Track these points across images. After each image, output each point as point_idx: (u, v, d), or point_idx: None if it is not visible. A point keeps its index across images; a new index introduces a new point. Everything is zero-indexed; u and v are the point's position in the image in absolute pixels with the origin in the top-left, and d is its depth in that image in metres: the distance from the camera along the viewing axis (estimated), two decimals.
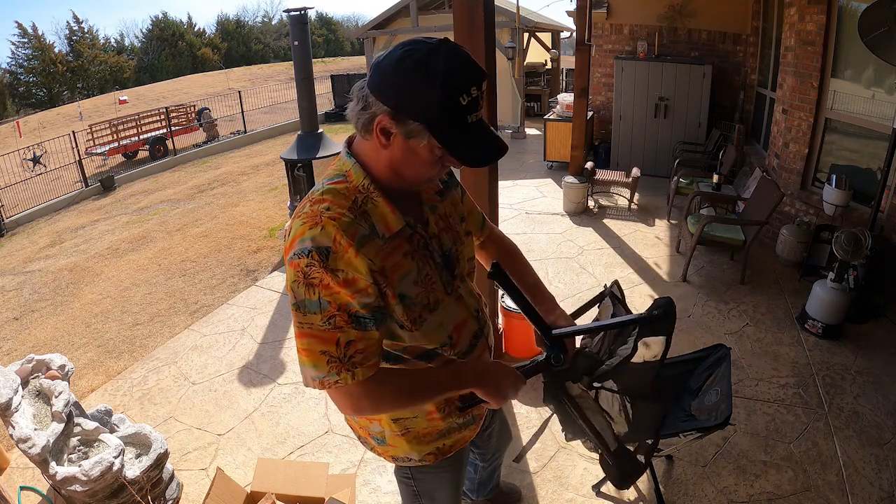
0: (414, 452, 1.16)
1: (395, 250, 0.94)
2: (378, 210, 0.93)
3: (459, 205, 1.15)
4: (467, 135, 0.85)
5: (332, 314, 0.87)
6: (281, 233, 5.71)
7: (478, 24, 2.09)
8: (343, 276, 0.87)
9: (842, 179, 3.41)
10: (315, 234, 0.86)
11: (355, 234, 0.88)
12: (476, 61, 0.86)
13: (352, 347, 0.89)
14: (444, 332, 1.05)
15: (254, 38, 43.62)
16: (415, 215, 1.01)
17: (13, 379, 2.07)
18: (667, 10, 6.36)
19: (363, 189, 0.93)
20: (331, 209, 0.89)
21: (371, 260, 0.89)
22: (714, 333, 3.22)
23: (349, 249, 0.87)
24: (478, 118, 0.86)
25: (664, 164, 6.26)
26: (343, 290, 0.87)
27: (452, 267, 1.07)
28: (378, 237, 0.92)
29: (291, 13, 4.74)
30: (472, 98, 0.83)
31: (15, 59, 32.48)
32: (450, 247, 1.06)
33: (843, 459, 2.25)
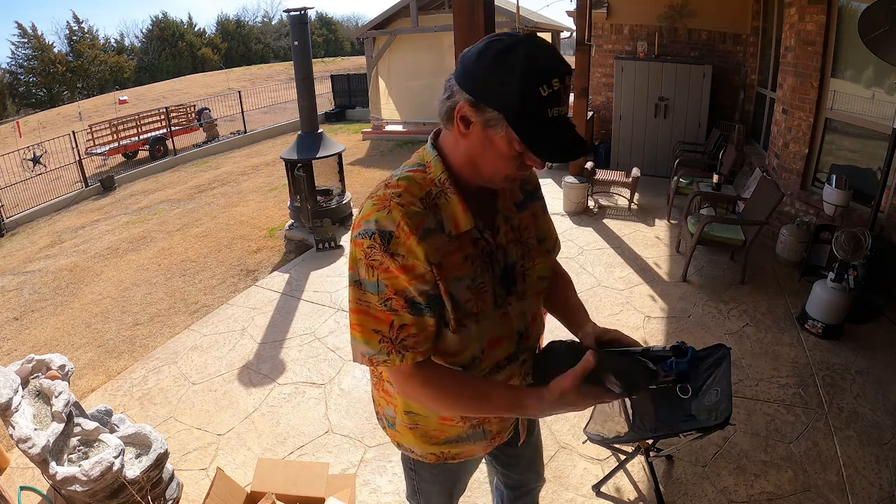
0: (416, 447, 1.16)
1: (458, 250, 0.93)
2: (450, 207, 0.92)
3: (539, 221, 1.09)
4: (545, 127, 0.82)
5: (389, 297, 0.89)
6: (281, 233, 5.71)
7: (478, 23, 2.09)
8: (402, 261, 0.87)
9: (842, 179, 3.41)
10: (380, 218, 0.88)
11: (420, 225, 0.88)
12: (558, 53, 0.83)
13: (404, 331, 0.91)
14: (478, 346, 1.00)
15: (254, 38, 43.63)
16: (486, 220, 0.98)
17: (13, 379, 2.07)
18: (667, 10, 6.36)
19: (439, 182, 0.93)
20: (402, 196, 0.90)
21: (430, 252, 0.89)
22: (714, 333, 3.22)
23: (411, 237, 0.87)
24: (560, 114, 0.82)
25: (664, 164, 6.26)
26: (402, 275, 0.88)
27: (511, 282, 1.01)
28: (444, 233, 0.91)
29: (291, 13, 4.74)
30: (554, 91, 0.80)
31: (15, 59, 32.50)
32: (515, 261, 1.02)
33: (843, 459, 2.25)
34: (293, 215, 5.24)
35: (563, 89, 0.81)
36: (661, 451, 2.11)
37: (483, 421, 1.11)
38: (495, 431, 1.15)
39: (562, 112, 0.82)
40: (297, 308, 3.85)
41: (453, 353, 0.99)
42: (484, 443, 1.16)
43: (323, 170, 5.26)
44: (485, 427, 1.12)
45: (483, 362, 1.01)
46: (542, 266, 1.07)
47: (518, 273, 1.02)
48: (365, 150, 10.36)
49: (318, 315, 3.72)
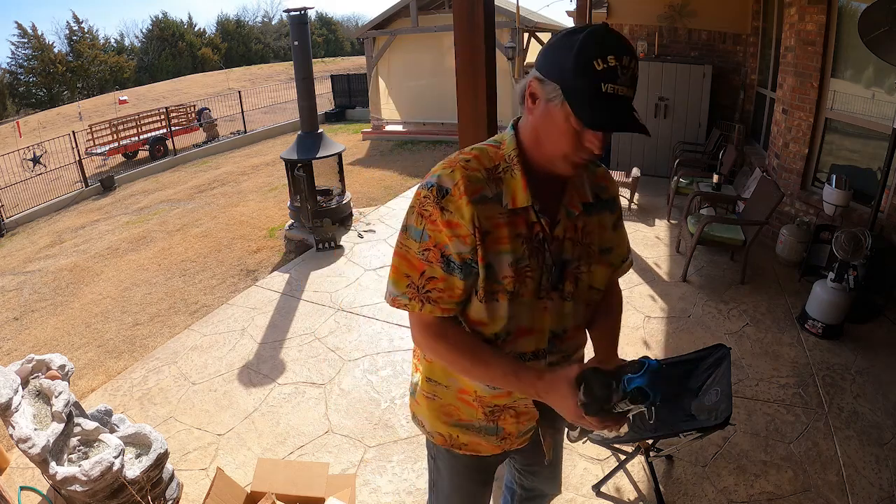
0: (428, 421, 1.18)
1: (510, 225, 0.95)
2: (513, 182, 0.95)
3: (608, 232, 1.08)
4: (596, 100, 0.83)
5: (428, 247, 0.94)
6: (281, 233, 5.71)
7: (478, 23, 2.09)
8: (449, 216, 0.92)
9: (842, 179, 3.41)
10: (443, 174, 0.94)
11: (477, 190, 0.93)
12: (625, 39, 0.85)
13: (432, 283, 0.95)
14: (504, 326, 1.00)
15: (254, 38, 43.64)
16: (548, 209, 0.99)
17: (13, 379, 2.07)
18: (667, 10, 6.36)
19: (508, 159, 0.97)
20: (469, 162, 0.95)
21: (480, 218, 0.92)
22: (714, 333, 3.22)
23: (463, 197, 0.91)
24: (617, 92, 0.83)
25: (664, 164, 6.26)
26: (445, 229, 0.92)
27: (560, 278, 1.00)
28: (500, 204, 0.94)
29: (291, 13, 4.75)
30: (609, 66, 0.81)
31: (15, 59, 32.52)
32: (570, 259, 1.01)
33: (843, 459, 2.25)
34: (293, 215, 5.24)
35: (622, 69, 0.82)
36: (661, 451, 2.11)
37: (498, 417, 1.10)
38: (508, 432, 1.13)
39: (619, 91, 0.83)
40: (297, 308, 3.85)
41: (476, 322, 1.00)
42: (494, 440, 1.14)
43: (323, 170, 5.26)
44: (498, 423, 1.11)
45: (506, 345, 1.02)
46: (598, 276, 1.06)
47: (569, 272, 1.01)
48: (365, 150, 10.36)
49: (318, 315, 3.72)
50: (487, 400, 1.08)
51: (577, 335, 1.09)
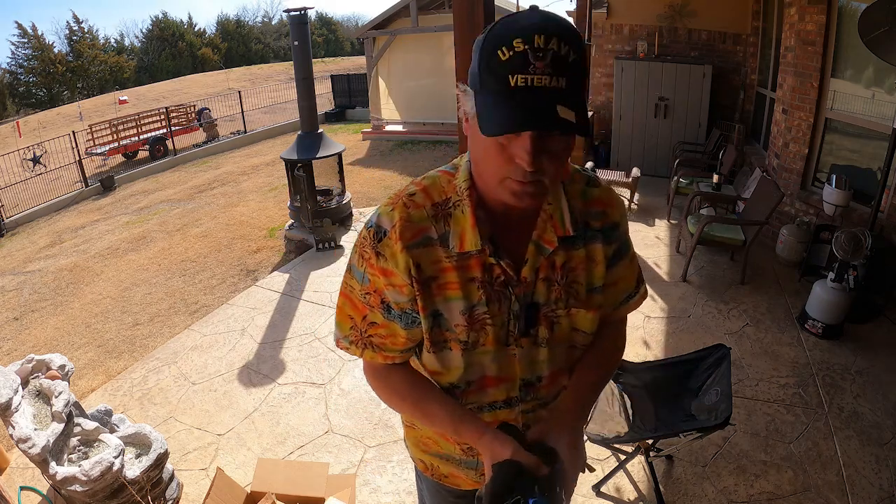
0: (411, 447, 1.14)
1: (460, 269, 0.82)
2: (462, 220, 0.82)
3: (599, 267, 0.88)
4: (502, 97, 0.66)
5: (369, 291, 0.86)
6: (281, 233, 5.71)
7: (478, 23, 2.10)
8: (384, 263, 0.83)
9: (842, 179, 3.41)
10: (383, 213, 0.84)
11: (418, 233, 0.82)
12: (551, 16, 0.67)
13: (373, 329, 0.88)
14: (462, 376, 0.89)
15: (254, 38, 43.62)
16: (511, 247, 0.83)
17: (13, 379, 2.07)
18: (667, 10, 6.36)
19: (459, 192, 0.83)
20: (415, 197, 0.84)
21: (419, 265, 0.82)
22: (714, 333, 3.22)
23: (398, 243, 0.81)
24: (531, 81, 0.64)
25: (664, 164, 6.26)
26: (381, 276, 0.84)
27: (532, 324, 0.86)
28: (446, 247, 0.82)
29: (291, 13, 4.75)
30: (516, 52, 0.64)
31: (15, 59, 32.49)
32: (542, 303, 0.85)
33: (843, 459, 2.25)
34: (293, 215, 5.24)
35: (534, 52, 0.64)
36: (661, 451, 2.11)
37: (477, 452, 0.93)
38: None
39: (533, 81, 0.64)
40: (297, 308, 3.85)
41: (431, 372, 0.92)
42: (474, 475, 1.04)
43: (323, 170, 5.26)
44: (478, 458, 0.98)
45: (468, 396, 0.91)
46: (582, 319, 0.89)
47: (542, 317, 0.86)
48: (365, 150, 10.36)
49: (318, 315, 3.72)
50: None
51: (558, 380, 0.93)
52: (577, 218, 0.86)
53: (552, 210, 0.84)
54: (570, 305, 0.87)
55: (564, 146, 0.72)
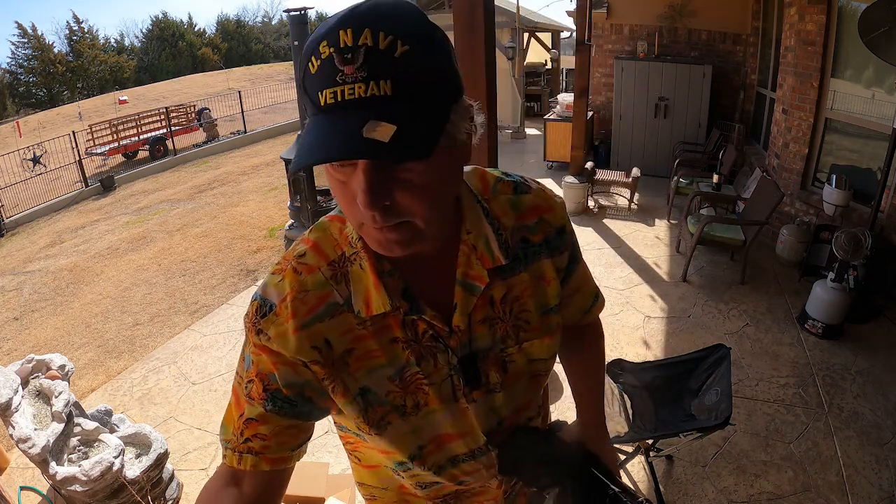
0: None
1: (377, 334, 0.67)
2: (363, 277, 0.65)
3: (551, 287, 0.76)
4: (315, 120, 0.52)
5: (251, 378, 0.67)
6: (281, 233, 5.71)
7: (478, 23, 2.09)
8: (267, 342, 0.65)
9: (842, 179, 3.41)
10: (269, 282, 0.67)
11: (318, 304, 0.65)
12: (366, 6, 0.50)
13: (251, 428, 0.66)
14: (414, 443, 0.73)
15: (254, 38, 43.64)
16: (433, 294, 0.68)
17: (13, 379, 2.07)
18: (667, 10, 6.36)
19: (353, 243, 0.66)
20: (305, 257, 0.67)
21: (327, 340, 0.65)
22: (714, 333, 3.22)
23: (290, 321, 0.64)
24: (341, 95, 0.49)
25: (664, 164, 6.26)
26: (265, 355, 0.66)
27: (476, 375, 0.72)
28: (353, 312, 0.66)
29: (291, 13, 4.75)
30: (324, 60, 0.49)
31: (15, 59, 32.49)
32: (487, 346, 0.71)
33: (843, 459, 2.25)
34: (293, 215, 5.24)
35: (341, 53, 0.48)
36: (661, 451, 2.11)
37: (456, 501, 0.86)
38: None
39: (344, 94, 0.49)
40: None
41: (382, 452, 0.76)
42: None
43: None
44: None
45: (426, 459, 0.75)
46: (538, 348, 0.75)
47: (490, 362, 0.72)
48: None
49: None
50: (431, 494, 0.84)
51: (520, 416, 0.81)
52: (510, 238, 0.71)
53: (473, 239, 0.68)
54: (523, 340, 0.74)
55: (422, 172, 0.53)
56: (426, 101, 0.51)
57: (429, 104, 0.52)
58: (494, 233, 0.70)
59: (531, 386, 0.78)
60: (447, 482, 0.79)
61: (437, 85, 0.53)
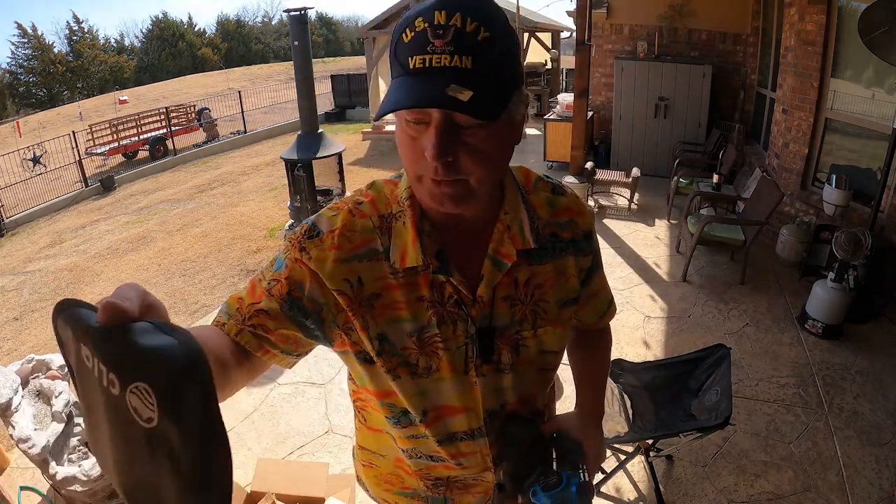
0: (371, 487, 1.02)
1: (405, 287, 0.73)
2: (403, 233, 0.73)
3: (571, 282, 0.82)
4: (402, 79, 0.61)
5: (278, 279, 0.73)
6: (281, 233, 5.71)
7: None
8: (308, 260, 0.72)
9: (842, 179, 3.41)
10: (324, 215, 0.75)
11: (361, 245, 0.73)
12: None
13: (260, 318, 0.71)
14: (419, 405, 0.79)
15: (254, 38, 43.69)
16: (464, 263, 0.75)
17: (13, 379, 2.08)
18: (667, 10, 6.36)
19: (400, 202, 0.74)
20: (361, 206, 0.75)
21: (360, 280, 0.72)
22: (714, 333, 3.22)
23: (332, 251, 0.71)
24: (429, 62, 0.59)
25: (664, 164, 6.26)
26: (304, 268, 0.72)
27: (490, 349, 0.78)
28: (388, 262, 0.73)
29: (291, 13, 4.75)
30: (418, 33, 0.59)
31: (15, 59, 32.54)
32: (504, 324, 0.77)
33: (843, 459, 2.25)
34: (293, 215, 5.24)
35: (434, 29, 0.58)
36: (661, 451, 2.11)
37: (445, 489, 0.92)
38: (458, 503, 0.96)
39: (431, 61, 0.59)
40: None
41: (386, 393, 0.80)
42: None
43: (323, 170, 5.26)
44: (446, 495, 0.93)
45: (428, 427, 0.80)
46: (550, 337, 0.81)
47: (505, 341, 0.78)
48: (365, 150, 10.36)
49: None
50: (424, 472, 0.89)
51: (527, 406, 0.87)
52: (541, 229, 0.78)
53: (509, 220, 0.76)
54: (538, 325, 0.79)
55: (486, 140, 0.63)
56: (496, 80, 0.62)
57: (498, 83, 0.62)
58: (529, 219, 0.77)
59: (539, 379, 0.85)
60: (445, 454, 0.83)
61: (506, 70, 0.63)
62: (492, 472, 0.89)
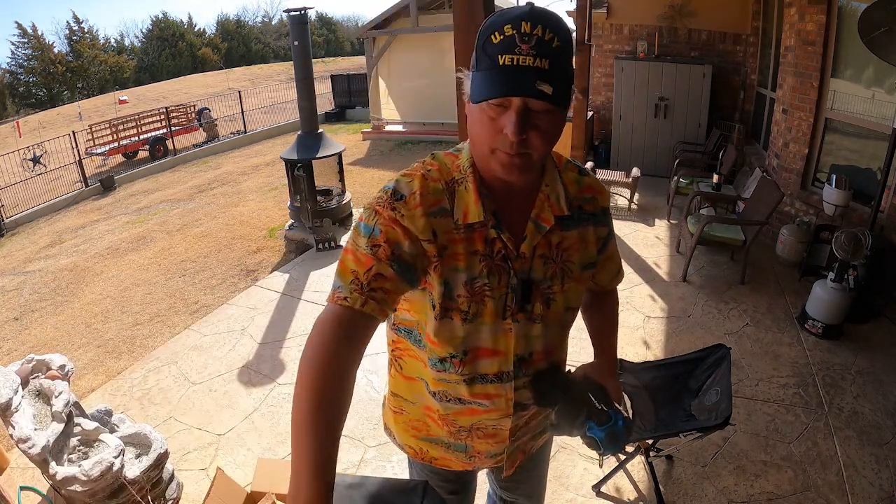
0: (398, 434, 1.15)
1: (465, 241, 0.88)
2: (466, 195, 0.88)
3: (591, 248, 0.98)
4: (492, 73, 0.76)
5: (379, 243, 0.84)
6: (281, 233, 5.71)
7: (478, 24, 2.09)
8: (400, 217, 0.85)
9: (842, 179, 3.41)
10: (401, 180, 0.89)
11: (436, 203, 0.87)
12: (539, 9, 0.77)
13: (379, 281, 0.82)
14: (460, 346, 0.93)
15: (254, 38, 43.65)
16: (511, 223, 0.90)
17: (13, 379, 2.07)
18: (667, 10, 6.36)
19: (463, 170, 0.90)
20: (430, 172, 0.90)
21: (436, 233, 0.86)
22: (714, 333, 3.22)
23: (419, 208, 0.85)
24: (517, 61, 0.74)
25: (664, 164, 6.26)
26: (398, 228, 0.85)
27: (527, 299, 0.92)
28: (453, 219, 0.88)
29: (291, 13, 4.75)
30: (506, 36, 0.74)
31: (15, 59, 32.51)
32: (539, 279, 0.92)
33: (843, 459, 2.25)
34: (293, 215, 5.24)
35: (521, 36, 0.74)
36: (661, 451, 2.11)
37: (465, 436, 1.06)
38: (477, 451, 1.09)
39: (518, 60, 0.74)
40: (297, 308, 3.85)
41: (431, 340, 0.93)
42: (463, 457, 1.10)
43: (323, 170, 5.26)
44: (467, 442, 1.07)
45: (464, 366, 0.94)
46: (575, 295, 0.98)
47: (538, 293, 0.93)
48: (365, 150, 10.36)
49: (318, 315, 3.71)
50: (450, 418, 1.03)
51: (548, 357, 1.01)
52: (572, 201, 0.95)
53: (549, 191, 0.92)
54: (565, 282, 0.95)
55: (550, 124, 0.79)
56: (565, 78, 0.78)
57: (566, 80, 0.78)
58: (564, 191, 0.94)
59: (560, 335, 1.01)
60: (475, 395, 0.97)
61: (570, 70, 0.80)
62: (510, 419, 1.02)
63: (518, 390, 0.98)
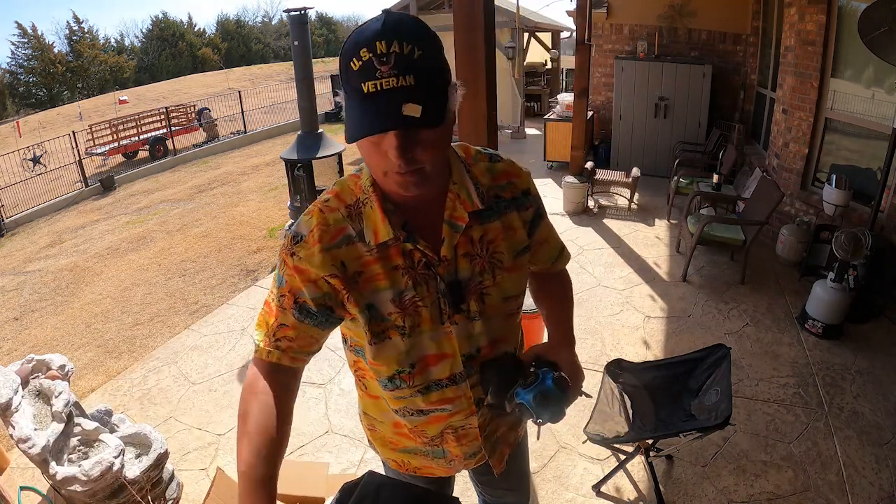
0: (379, 449, 1.16)
1: (381, 260, 0.87)
2: (372, 215, 0.87)
3: (519, 234, 0.96)
4: (360, 103, 0.73)
5: (284, 293, 0.88)
6: (281, 233, 5.71)
7: (478, 23, 2.09)
8: (298, 262, 0.86)
9: (842, 179, 3.41)
10: (303, 220, 0.89)
11: (337, 234, 0.87)
12: (393, 21, 0.73)
13: (282, 331, 0.88)
14: (406, 360, 0.92)
15: (254, 38, 43.63)
16: (426, 230, 0.89)
17: (13, 379, 2.07)
18: (667, 9, 6.36)
19: (365, 191, 0.88)
20: (329, 202, 0.90)
21: (343, 263, 0.86)
22: (714, 333, 3.22)
23: (316, 245, 0.86)
24: (380, 86, 0.71)
25: (664, 164, 6.26)
26: (297, 275, 0.87)
27: (460, 299, 0.91)
28: (363, 243, 0.87)
29: (291, 13, 4.74)
30: (363, 62, 0.70)
31: (15, 59, 32.48)
32: (467, 276, 0.91)
33: (843, 459, 2.25)
34: (293, 215, 5.24)
35: (379, 57, 0.70)
36: (661, 451, 2.11)
37: (441, 441, 1.05)
38: (454, 455, 1.07)
39: (382, 85, 0.71)
40: None
41: (374, 363, 0.94)
42: (443, 462, 1.09)
43: (323, 170, 5.25)
44: (443, 447, 1.06)
45: (413, 378, 0.94)
46: (510, 284, 0.95)
47: (471, 291, 0.92)
48: None
49: None
50: (418, 429, 1.03)
51: (496, 349, 0.99)
52: (485, 193, 0.92)
53: (458, 189, 0.90)
54: (497, 274, 0.93)
55: (434, 134, 0.77)
56: (435, 87, 0.75)
57: (437, 88, 0.75)
58: (473, 185, 0.92)
59: (506, 325, 0.99)
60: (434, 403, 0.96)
61: (440, 73, 0.77)
62: (476, 417, 1.01)
63: (474, 387, 0.98)
